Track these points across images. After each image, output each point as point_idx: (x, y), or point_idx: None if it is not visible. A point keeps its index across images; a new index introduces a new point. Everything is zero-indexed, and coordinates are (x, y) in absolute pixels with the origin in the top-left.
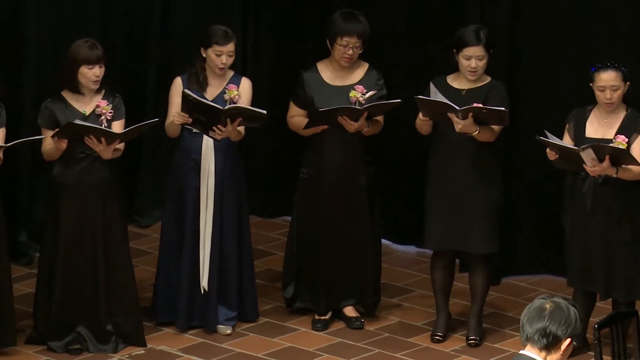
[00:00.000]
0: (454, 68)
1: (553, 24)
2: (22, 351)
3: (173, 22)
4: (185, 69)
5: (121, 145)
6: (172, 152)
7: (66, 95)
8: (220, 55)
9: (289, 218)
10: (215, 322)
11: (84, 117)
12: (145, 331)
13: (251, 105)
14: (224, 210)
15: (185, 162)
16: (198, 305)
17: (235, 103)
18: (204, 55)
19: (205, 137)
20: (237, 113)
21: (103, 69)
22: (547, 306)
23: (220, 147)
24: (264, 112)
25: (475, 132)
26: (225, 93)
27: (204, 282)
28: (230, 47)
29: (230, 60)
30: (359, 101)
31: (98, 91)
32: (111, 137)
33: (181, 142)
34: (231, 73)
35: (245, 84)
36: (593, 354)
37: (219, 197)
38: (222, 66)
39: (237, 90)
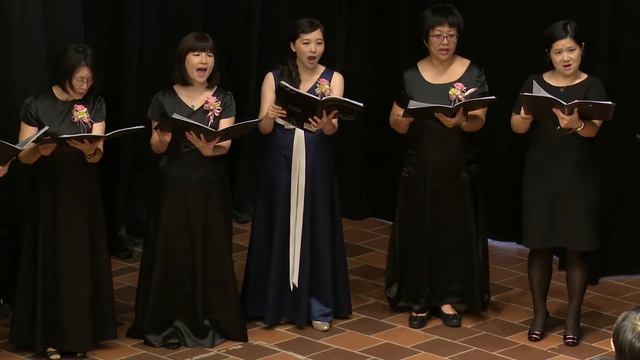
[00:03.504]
0: (550, 66)
1: None
2: (121, 344)
3: (273, 21)
4: (276, 66)
5: (226, 144)
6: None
7: (177, 88)
8: (309, 43)
9: (377, 219)
10: (305, 318)
11: (191, 112)
12: None
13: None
14: (315, 206)
15: (276, 158)
16: (287, 300)
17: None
18: (293, 50)
19: (296, 133)
20: (334, 105)
21: (212, 59)
22: None
23: (311, 144)
24: (361, 104)
25: (579, 127)
26: (316, 87)
27: (294, 279)
28: (317, 34)
29: (320, 49)
30: (459, 99)
31: (210, 87)
32: (210, 135)
33: (272, 138)
34: (322, 68)
35: (337, 78)
36: None
37: (309, 193)
38: (311, 54)
39: (329, 85)
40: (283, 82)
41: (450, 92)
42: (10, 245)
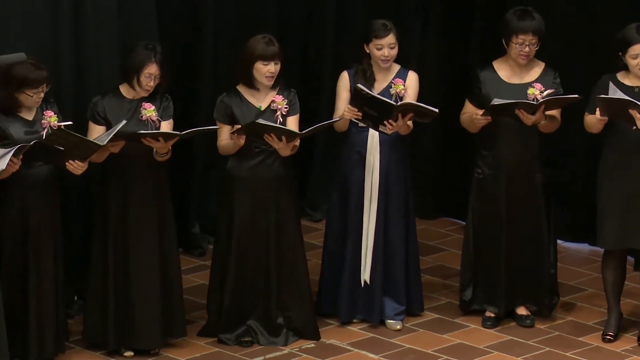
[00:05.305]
0: (624, 67)
1: None
2: (193, 342)
3: (347, 18)
4: (351, 64)
5: (298, 143)
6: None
7: (241, 89)
8: (382, 48)
9: (450, 219)
10: (378, 315)
11: (259, 112)
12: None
13: (417, 101)
14: (389, 204)
15: (350, 155)
16: (361, 298)
17: (401, 97)
18: (367, 52)
19: (370, 131)
20: (409, 109)
21: (279, 66)
22: None
23: (386, 142)
24: (436, 110)
25: None
26: (391, 87)
27: (365, 275)
28: (390, 38)
29: (393, 52)
30: (537, 99)
31: (273, 86)
32: (292, 136)
33: (347, 136)
34: (397, 67)
35: (412, 77)
36: None
37: (383, 191)
38: (384, 59)
39: (403, 85)
40: (359, 85)
41: (529, 92)
42: (82, 242)
